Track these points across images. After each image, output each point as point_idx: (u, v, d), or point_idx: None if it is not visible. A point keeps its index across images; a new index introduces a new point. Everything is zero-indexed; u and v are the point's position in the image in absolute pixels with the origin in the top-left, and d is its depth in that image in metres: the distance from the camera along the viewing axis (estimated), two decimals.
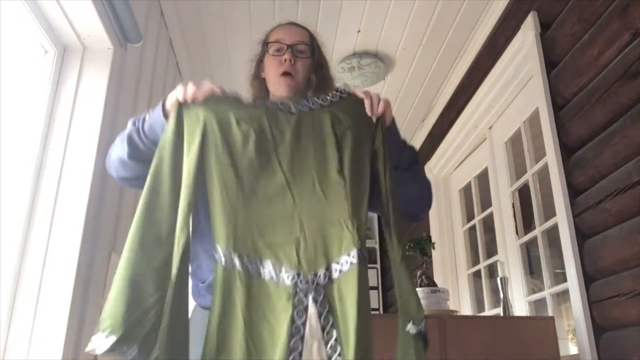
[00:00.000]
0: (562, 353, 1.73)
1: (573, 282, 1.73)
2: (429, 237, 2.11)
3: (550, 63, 1.99)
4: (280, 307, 0.99)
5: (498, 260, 2.30)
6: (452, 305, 2.80)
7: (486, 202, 2.79)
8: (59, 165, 1.70)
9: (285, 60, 1.33)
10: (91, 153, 1.72)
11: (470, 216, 3.04)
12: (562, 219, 1.81)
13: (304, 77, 1.36)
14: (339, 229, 1.04)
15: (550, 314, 2.07)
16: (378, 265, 4.33)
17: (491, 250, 2.73)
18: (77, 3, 1.68)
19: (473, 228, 2.96)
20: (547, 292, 2.11)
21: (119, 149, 1.19)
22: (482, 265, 2.80)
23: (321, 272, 1.02)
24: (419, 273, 2.01)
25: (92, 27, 1.77)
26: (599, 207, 1.65)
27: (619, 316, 1.56)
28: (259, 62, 1.43)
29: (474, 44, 2.73)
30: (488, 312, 2.70)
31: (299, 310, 0.99)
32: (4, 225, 1.54)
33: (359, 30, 2.68)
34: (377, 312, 4.00)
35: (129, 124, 1.18)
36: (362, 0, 2.48)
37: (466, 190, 3.14)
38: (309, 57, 1.38)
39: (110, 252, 1.86)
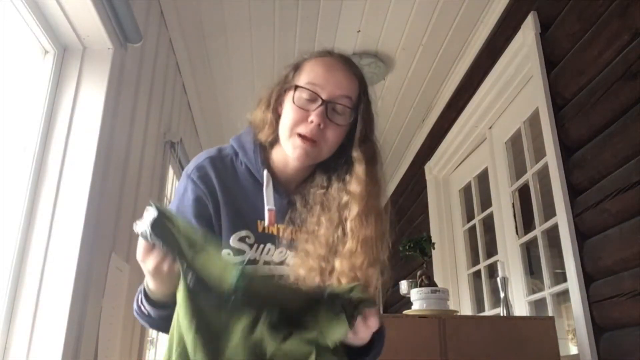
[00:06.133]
0: (562, 353, 1.73)
1: (573, 282, 1.73)
2: (429, 237, 2.11)
3: (550, 63, 1.99)
4: None
5: (498, 260, 2.30)
6: (452, 305, 2.80)
7: (486, 202, 2.79)
8: (59, 166, 1.70)
9: (312, 121, 0.95)
10: (91, 153, 1.72)
11: (470, 216, 3.04)
12: (562, 219, 1.81)
13: (329, 150, 0.99)
14: None
15: (550, 314, 2.07)
16: None
17: (491, 250, 2.73)
18: (77, 3, 1.67)
19: (473, 228, 2.96)
20: (547, 292, 2.11)
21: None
22: (482, 265, 2.80)
23: None
24: (419, 273, 2.02)
25: (92, 27, 1.77)
26: (599, 207, 1.65)
27: (619, 316, 1.56)
28: (280, 92, 1.03)
29: (474, 44, 2.73)
30: (488, 312, 2.70)
31: None
32: (4, 225, 1.54)
33: (359, 30, 2.68)
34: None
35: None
36: (362, 0, 2.48)
37: (466, 190, 3.14)
38: (345, 124, 0.99)
39: (110, 252, 1.86)
